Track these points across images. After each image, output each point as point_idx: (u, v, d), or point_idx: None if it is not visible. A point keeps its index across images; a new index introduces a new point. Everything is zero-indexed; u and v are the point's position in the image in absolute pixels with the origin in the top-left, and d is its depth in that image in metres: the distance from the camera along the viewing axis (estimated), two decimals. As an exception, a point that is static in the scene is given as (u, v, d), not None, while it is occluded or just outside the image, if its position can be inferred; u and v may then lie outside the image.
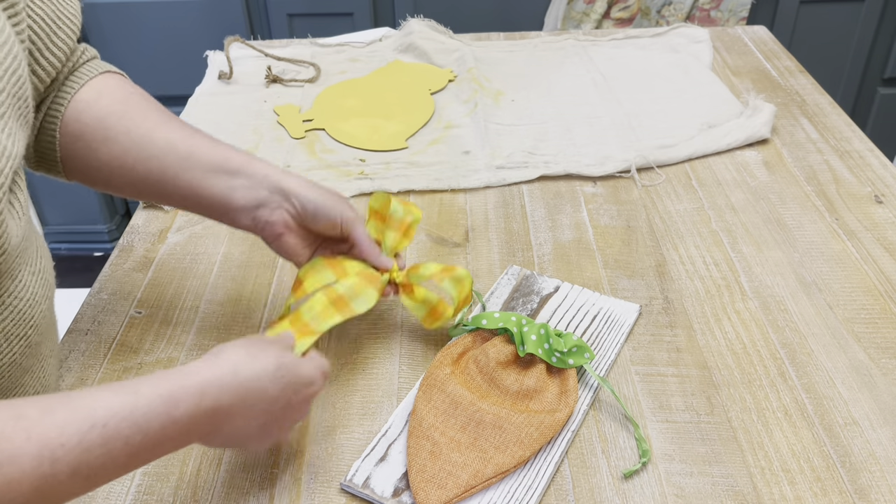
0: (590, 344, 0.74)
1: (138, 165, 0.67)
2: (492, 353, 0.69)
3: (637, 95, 1.17)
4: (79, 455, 0.45)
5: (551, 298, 0.80)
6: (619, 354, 0.74)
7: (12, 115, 0.55)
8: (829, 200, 0.94)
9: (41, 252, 0.64)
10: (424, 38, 1.32)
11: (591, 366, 0.69)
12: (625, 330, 0.76)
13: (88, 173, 0.70)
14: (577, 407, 0.67)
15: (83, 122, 0.67)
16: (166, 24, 1.91)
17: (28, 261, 0.60)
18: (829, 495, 0.61)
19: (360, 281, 0.69)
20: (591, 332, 0.76)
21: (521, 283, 0.82)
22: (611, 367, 0.72)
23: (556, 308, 0.78)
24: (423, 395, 0.67)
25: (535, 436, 0.63)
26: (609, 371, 0.72)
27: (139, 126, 0.67)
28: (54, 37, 0.65)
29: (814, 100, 1.16)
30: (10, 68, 0.55)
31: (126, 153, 0.67)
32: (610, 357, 0.73)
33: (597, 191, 0.98)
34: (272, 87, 1.23)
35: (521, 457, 0.62)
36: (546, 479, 0.62)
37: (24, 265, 0.60)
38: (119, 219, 2.28)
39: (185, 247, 0.90)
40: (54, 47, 0.65)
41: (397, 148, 1.07)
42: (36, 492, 0.43)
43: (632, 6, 1.85)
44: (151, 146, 0.67)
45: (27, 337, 0.60)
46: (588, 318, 0.77)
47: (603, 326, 0.76)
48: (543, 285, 0.81)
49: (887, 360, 0.72)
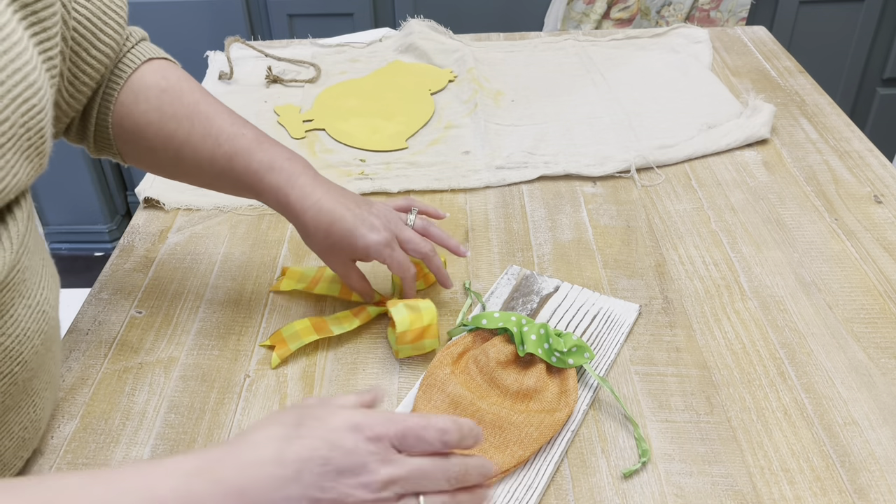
0: (589, 343, 0.74)
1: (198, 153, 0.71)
2: (492, 353, 0.69)
3: (637, 96, 1.17)
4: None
5: (551, 298, 0.80)
6: (619, 354, 0.74)
7: (13, 147, 0.51)
8: (828, 200, 0.94)
9: (45, 283, 0.59)
10: (424, 38, 1.32)
11: (590, 365, 0.69)
12: (624, 330, 0.76)
13: (146, 162, 0.75)
14: (577, 407, 0.68)
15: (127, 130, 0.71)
16: (166, 24, 1.91)
17: (25, 293, 0.55)
18: (829, 495, 0.61)
19: (346, 316, 0.77)
20: (591, 331, 0.76)
21: (521, 283, 0.82)
22: (610, 367, 0.72)
23: (556, 308, 0.78)
24: (423, 394, 0.68)
25: (534, 435, 0.63)
26: (609, 371, 0.72)
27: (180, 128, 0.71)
28: (100, 33, 0.66)
29: (813, 100, 1.16)
30: (22, 97, 0.51)
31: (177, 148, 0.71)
32: (609, 357, 0.73)
33: (597, 191, 0.98)
34: (272, 88, 1.23)
35: (521, 456, 0.62)
36: (546, 478, 0.62)
37: (18, 298, 0.54)
38: (119, 219, 2.29)
39: (185, 247, 0.90)
40: (101, 44, 0.66)
41: (397, 148, 1.07)
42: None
43: (631, 7, 1.85)
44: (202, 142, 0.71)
45: (13, 374, 0.55)
46: (588, 317, 0.77)
47: (603, 326, 0.76)
48: (543, 285, 0.81)
49: (886, 359, 0.72)
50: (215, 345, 0.76)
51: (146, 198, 0.98)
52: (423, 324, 0.71)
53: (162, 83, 0.71)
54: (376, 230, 0.71)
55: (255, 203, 0.96)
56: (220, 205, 0.97)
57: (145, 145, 0.72)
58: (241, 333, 0.78)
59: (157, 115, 0.70)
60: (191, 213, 0.96)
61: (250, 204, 0.96)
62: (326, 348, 0.75)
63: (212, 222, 0.94)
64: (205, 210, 0.96)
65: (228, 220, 0.94)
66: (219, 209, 0.96)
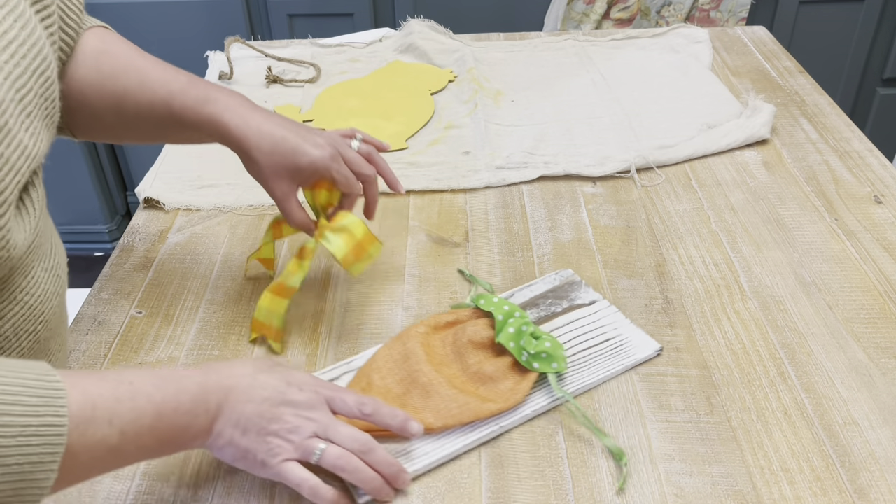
0: (581, 363, 0.72)
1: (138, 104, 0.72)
2: (469, 331, 0.71)
3: (637, 96, 1.17)
4: (113, 404, 0.50)
5: (579, 310, 0.77)
6: (610, 385, 0.70)
7: (38, 115, 0.56)
8: (828, 200, 0.94)
9: (56, 249, 0.65)
10: (424, 38, 1.32)
11: (556, 377, 0.68)
12: (628, 363, 0.71)
13: (95, 130, 0.75)
14: (518, 408, 0.67)
15: (70, 98, 0.71)
16: (166, 24, 1.91)
17: (42, 257, 0.61)
18: (829, 495, 0.61)
19: (294, 263, 0.74)
20: (592, 352, 0.73)
21: (562, 287, 0.80)
22: (588, 391, 0.70)
23: (577, 319, 0.76)
24: (390, 342, 0.72)
25: (453, 412, 0.65)
26: (584, 393, 0.69)
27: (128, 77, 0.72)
28: (69, 10, 0.68)
29: (813, 100, 1.16)
30: (39, 69, 0.56)
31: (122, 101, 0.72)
32: (591, 381, 0.70)
33: (596, 191, 0.98)
34: (272, 88, 1.23)
35: (430, 426, 0.64)
36: (434, 459, 0.63)
37: (38, 261, 0.60)
38: (119, 219, 2.29)
39: (185, 247, 0.90)
40: (70, 20, 0.68)
41: (397, 148, 1.07)
42: (80, 435, 0.47)
43: (631, 7, 1.85)
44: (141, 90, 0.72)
45: (36, 332, 0.60)
46: (600, 338, 0.74)
47: (608, 352, 0.73)
48: (582, 296, 0.79)
49: (886, 359, 0.72)
50: (215, 345, 0.76)
51: (146, 198, 0.98)
52: (358, 238, 0.73)
53: (99, 46, 0.72)
54: (321, 147, 0.72)
55: (255, 203, 0.96)
56: (220, 205, 0.97)
57: (89, 111, 0.72)
58: (241, 333, 0.78)
59: (96, 75, 0.71)
60: (191, 214, 0.96)
61: (250, 204, 0.96)
62: (328, 336, 0.75)
63: (212, 222, 0.94)
64: (205, 210, 0.96)
65: (228, 221, 0.94)
66: (219, 209, 0.96)
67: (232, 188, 0.99)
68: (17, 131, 0.53)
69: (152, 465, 0.64)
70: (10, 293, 0.57)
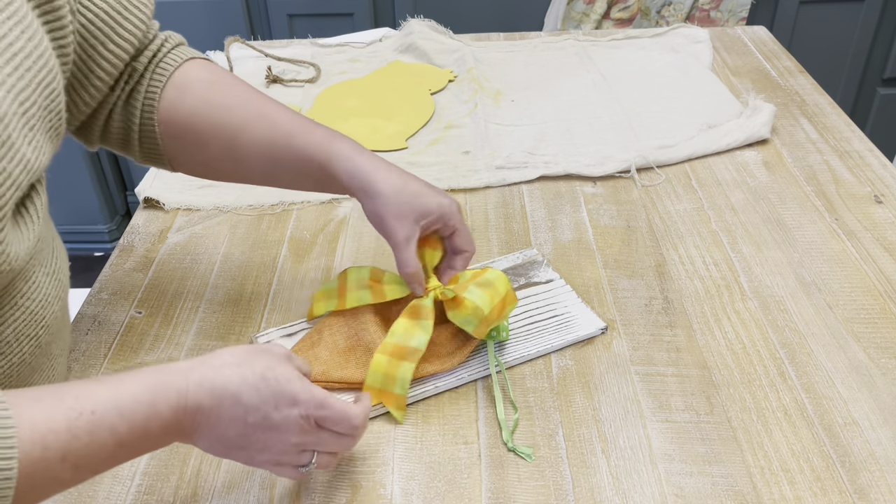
0: (525, 335, 0.74)
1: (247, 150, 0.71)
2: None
3: (637, 95, 1.17)
4: (67, 441, 0.46)
5: (536, 287, 0.81)
6: (546, 357, 0.73)
7: (41, 128, 0.56)
8: (828, 200, 0.94)
9: (57, 253, 0.64)
10: (424, 38, 1.32)
11: (493, 345, 0.71)
12: (569, 339, 0.74)
13: (195, 169, 0.75)
14: (455, 371, 0.71)
15: (175, 125, 0.71)
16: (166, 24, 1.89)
17: (43, 261, 0.61)
18: (829, 495, 0.61)
19: (408, 323, 0.70)
20: (537, 326, 0.76)
21: (523, 265, 0.83)
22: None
23: (530, 295, 0.79)
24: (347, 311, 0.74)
25: None
26: (524, 363, 0.73)
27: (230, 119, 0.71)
28: (120, 28, 0.66)
29: (813, 100, 1.16)
30: (44, 82, 0.56)
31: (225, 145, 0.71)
32: (530, 352, 0.73)
33: (597, 191, 0.98)
34: (272, 88, 1.23)
35: (363, 381, 0.68)
36: None
37: (39, 266, 0.60)
38: (119, 219, 2.29)
39: (185, 247, 0.90)
40: (121, 39, 0.67)
41: (397, 148, 1.07)
42: (27, 478, 0.44)
43: (632, 6, 1.85)
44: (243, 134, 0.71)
45: (37, 337, 0.60)
46: (547, 314, 0.77)
47: (552, 327, 0.76)
48: (540, 274, 0.82)
49: (887, 359, 0.72)
50: (215, 345, 0.76)
51: (146, 198, 0.98)
52: (502, 295, 0.69)
53: (208, 76, 0.72)
54: (447, 196, 0.71)
55: (255, 203, 0.96)
56: (219, 205, 0.97)
57: (193, 139, 0.71)
58: (241, 333, 0.78)
59: (205, 106, 0.70)
60: (191, 214, 0.96)
61: (250, 204, 0.96)
62: (326, 348, 0.75)
63: (211, 222, 0.94)
64: (204, 210, 0.96)
65: (228, 220, 0.94)
66: (218, 209, 0.96)
67: (232, 188, 0.99)
68: (21, 145, 0.53)
69: (152, 465, 0.65)
70: (11, 298, 0.57)
